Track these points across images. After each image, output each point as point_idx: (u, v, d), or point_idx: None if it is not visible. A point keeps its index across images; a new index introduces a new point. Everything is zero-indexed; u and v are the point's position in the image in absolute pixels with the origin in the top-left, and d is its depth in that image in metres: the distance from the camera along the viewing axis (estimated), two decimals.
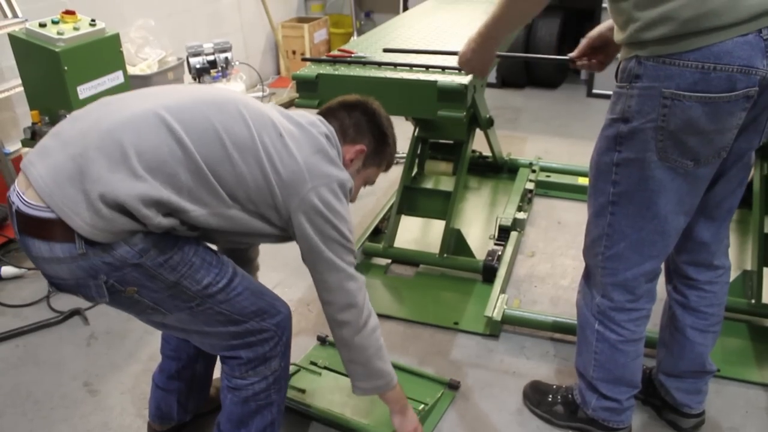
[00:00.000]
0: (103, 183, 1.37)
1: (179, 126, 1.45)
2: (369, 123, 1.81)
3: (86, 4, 3.73)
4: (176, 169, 1.43)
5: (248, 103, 1.60)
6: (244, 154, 1.50)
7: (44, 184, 1.39)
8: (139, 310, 1.58)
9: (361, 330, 1.70)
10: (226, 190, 1.49)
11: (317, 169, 1.59)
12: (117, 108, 1.49)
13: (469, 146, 2.96)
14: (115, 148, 1.40)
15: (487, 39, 1.73)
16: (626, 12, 1.47)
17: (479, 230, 3.26)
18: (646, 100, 1.48)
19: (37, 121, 2.87)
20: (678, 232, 1.71)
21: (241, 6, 5.36)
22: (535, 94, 5.49)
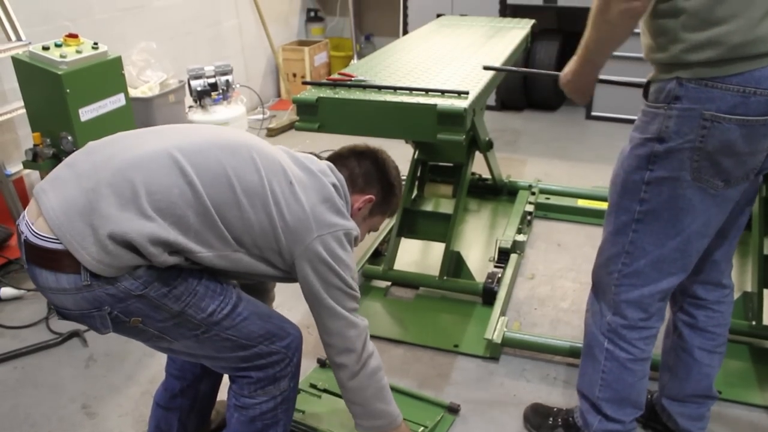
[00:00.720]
0: (112, 221, 1.39)
1: (191, 168, 1.47)
2: (378, 173, 1.85)
3: (89, 27, 3.78)
4: (185, 211, 1.45)
5: (261, 148, 1.62)
6: (252, 200, 1.53)
7: (55, 216, 1.41)
8: (145, 338, 1.59)
9: (357, 373, 1.72)
10: (233, 234, 1.52)
11: (324, 218, 1.62)
12: (132, 144, 1.52)
13: (468, 169, 2.97)
14: (126, 187, 1.42)
15: (585, 63, 1.70)
16: (671, 32, 1.48)
17: (479, 252, 3.26)
18: (685, 121, 1.50)
19: (38, 143, 2.88)
20: (698, 253, 1.71)
21: (242, 29, 5.40)
22: (535, 117, 5.52)
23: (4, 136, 3.39)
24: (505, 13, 5.27)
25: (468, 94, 2.29)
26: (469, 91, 2.32)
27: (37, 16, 3.50)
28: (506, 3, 5.28)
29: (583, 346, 1.95)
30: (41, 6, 3.53)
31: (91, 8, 3.87)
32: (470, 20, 4.05)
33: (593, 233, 3.49)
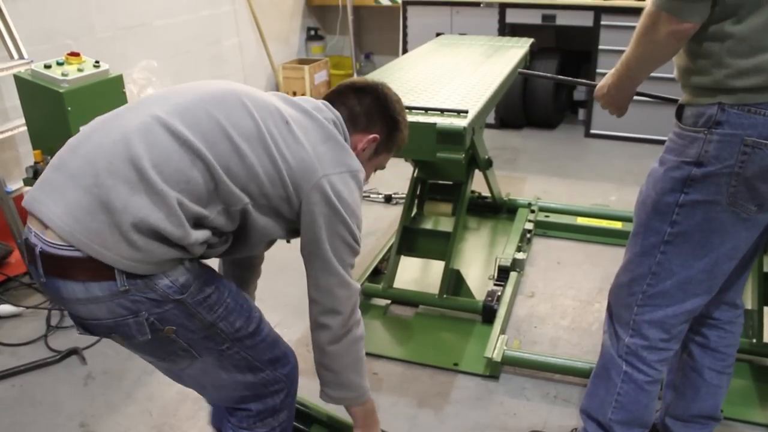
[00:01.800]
0: (131, 211, 1.31)
1: (185, 128, 1.40)
2: (381, 109, 1.74)
3: (91, 45, 3.80)
4: (190, 175, 1.38)
5: (249, 92, 1.55)
6: (252, 145, 1.45)
7: (64, 224, 1.32)
8: (169, 352, 1.52)
9: (340, 339, 1.63)
10: (239, 185, 1.44)
11: (328, 157, 1.54)
12: (115, 126, 1.42)
13: (468, 187, 2.98)
14: (128, 168, 1.34)
15: (624, 78, 1.70)
16: (715, 56, 1.47)
17: (479, 270, 3.26)
18: (726, 147, 1.49)
19: (39, 161, 2.89)
20: (725, 276, 1.70)
21: (242, 48, 5.43)
22: (534, 135, 5.54)
23: (4, 153, 3.40)
24: (504, 32, 5.31)
25: (467, 113, 2.30)
26: (469, 109, 2.33)
27: (39, 34, 3.52)
28: (505, 22, 5.32)
29: (596, 367, 1.92)
30: (44, 24, 3.56)
31: (93, 27, 3.90)
32: (469, 39, 4.08)
33: (593, 251, 3.49)
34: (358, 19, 6.38)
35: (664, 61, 1.57)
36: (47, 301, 3.03)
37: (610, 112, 1.85)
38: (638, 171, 4.47)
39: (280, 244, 1.70)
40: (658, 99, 2.18)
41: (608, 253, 3.45)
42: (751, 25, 1.42)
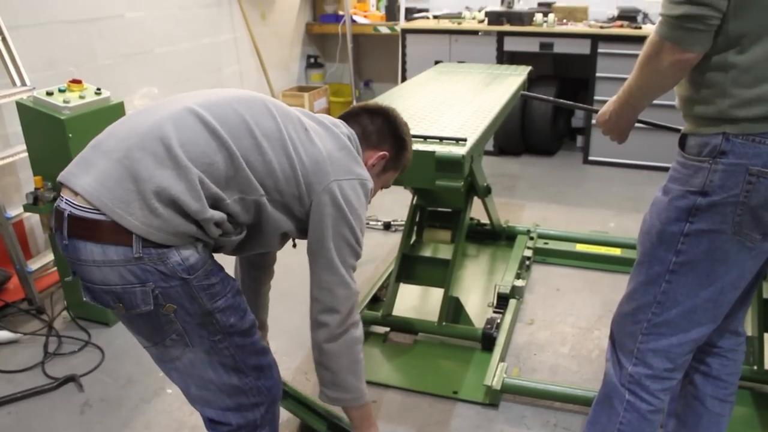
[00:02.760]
0: (155, 180, 1.43)
1: (213, 119, 1.53)
2: (391, 129, 1.90)
3: (93, 72, 3.83)
4: (214, 158, 1.50)
5: (274, 100, 1.70)
6: (272, 143, 1.58)
7: (93, 190, 1.43)
8: (164, 334, 1.57)
9: (337, 338, 1.71)
10: (257, 177, 1.56)
11: (341, 163, 1.68)
12: (151, 113, 1.56)
13: (467, 214, 2.99)
14: (158, 144, 1.46)
15: (626, 105, 1.71)
16: (719, 86, 1.48)
17: (478, 298, 3.25)
18: (731, 176, 1.49)
19: (39, 187, 2.89)
20: (730, 304, 1.70)
21: (243, 75, 5.48)
22: (532, 162, 5.57)
23: (5, 179, 3.41)
24: (502, 59, 5.36)
25: (466, 141, 2.31)
26: (467, 137, 2.34)
27: (42, 61, 3.55)
28: (503, 50, 5.37)
29: (598, 396, 1.90)
30: (47, 52, 3.59)
31: (96, 54, 3.93)
32: (468, 67, 4.11)
33: (592, 278, 3.49)
34: (357, 47, 6.45)
35: (667, 89, 1.58)
36: (45, 327, 3.02)
37: (611, 138, 1.86)
38: (636, 198, 4.49)
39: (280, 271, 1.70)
40: (660, 127, 2.20)
41: (607, 279, 3.45)
42: (755, 56, 1.43)
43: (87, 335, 2.98)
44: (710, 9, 1.38)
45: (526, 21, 5.31)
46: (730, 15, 1.41)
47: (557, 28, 5.25)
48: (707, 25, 1.40)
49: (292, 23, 6.19)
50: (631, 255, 3.32)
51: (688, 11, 1.38)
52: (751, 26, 1.42)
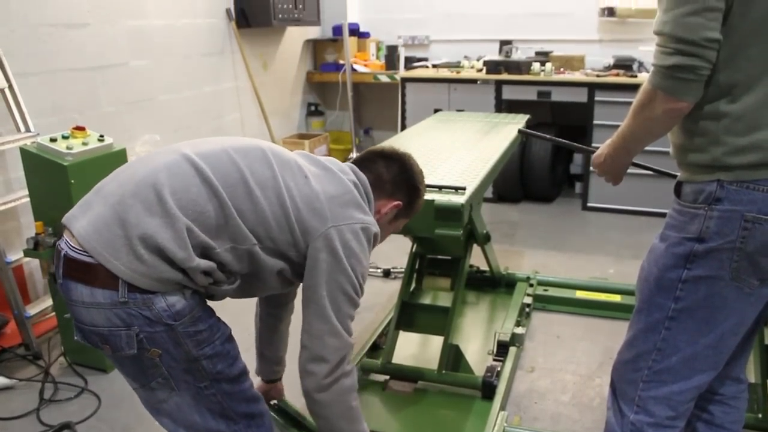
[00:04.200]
0: (142, 227, 1.46)
1: (206, 167, 1.55)
2: (406, 178, 1.88)
3: (97, 119, 3.88)
4: (205, 207, 1.52)
5: (274, 148, 1.70)
6: (265, 192, 1.58)
7: (85, 233, 1.48)
8: (150, 377, 1.58)
9: (326, 388, 1.66)
10: (249, 226, 1.56)
11: (341, 210, 1.64)
12: (151, 159, 1.60)
13: (466, 262, 2.99)
14: (150, 191, 1.50)
15: (620, 149, 1.74)
16: (712, 134, 1.51)
17: (478, 345, 3.23)
18: (727, 222, 1.51)
19: (40, 232, 2.90)
20: (730, 351, 1.70)
21: (244, 122, 5.54)
22: (531, 209, 5.59)
23: (6, 223, 3.42)
24: (501, 108, 5.43)
25: (465, 190, 2.33)
26: (466, 186, 2.37)
27: (47, 108, 3.60)
28: (501, 98, 5.45)
29: None
30: (52, 98, 3.64)
31: (100, 101, 3.99)
32: (467, 115, 4.17)
33: (592, 325, 3.47)
34: (357, 95, 6.54)
35: (660, 136, 1.62)
36: (41, 374, 2.99)
37: (606, 180, 1.89)
38: (636, 244, 4.49)
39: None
40: (656, 172, 2.23)
41: (608, 326, 3.44)
42: (746, 104, 1.47)
43: (84, 381, 2.95)
44: (701, 60, 1.42)
45: (523, 70, 5.39)
46: (720, 65, 1.46)
47: (555, 77, 5.33)
48: (698, 75, 1.44)
49: (293, 72, 6.29)
50: (631, 301, 3.31)
51: (679, 62, 1.43)
52: (740, 76, 1.46)
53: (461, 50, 6.20)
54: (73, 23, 3.75)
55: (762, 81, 1.46)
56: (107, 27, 4.00)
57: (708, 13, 1.40)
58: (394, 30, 6.47)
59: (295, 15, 5.52)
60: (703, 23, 1.40)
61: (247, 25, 5.28)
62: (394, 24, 6.47)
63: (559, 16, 5.88)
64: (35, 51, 3.53)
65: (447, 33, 6.32)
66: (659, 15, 1.47)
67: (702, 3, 1.39)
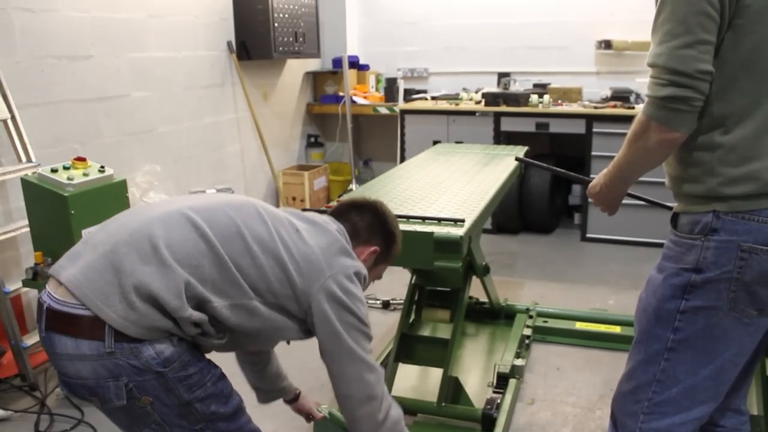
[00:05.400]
0: (136, 275, 1.45)
1: (203, 222, 1.56)
2: (380, 224, 1.92)
3: (98, 150, 3.91)
4: (201, 262, 1.51)
5: (264, 205, 1.72)
6: (263, 247, 1.60)
7: (76, 281, 1.46)
8: (143, 425, 1.56)
9: (381, 424, 1.69)
10: (248, 281, 1.57)
11: (334, 259, 1.68)
12: (143, 211, 1.61)
13: (465, 293, 2.98)
14: (145, 242, 1.49)
15: (615, 179, 1.75)
16: (707, 165, 1.53)
17: (477, 378, 3.21)
18: (724, 253, 1.52)
19: (40, 262, 2.90)
20: (730, 382, 1.70)
21: (244, 154, 5.57)
22: (530, 240, 5.60)
23: (5, 253, 3.42)
24: (499, 140, 5.47)
25: (464, 222, 2.34)
26: (465, 218, 2.37)
27: (48, 138, 3.63)
28: (500, 130, 5.49)
29: None
30: (53, 129, 3.67)
31: (101, 132, 4.02)
32: (466, 147, 4.19)
33: (592, 356, 3.46)
34: (357, 126, 6.58)
35: (654, 166, 1.63)
36: (37, 405, 2.97)
37: (602, 210, 1.91)
38: (635, 274, 4.49)
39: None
40: (651, 203, 2.24)
41: (608, 358, 3.42)
42: (739, 136, 1.49)
43: (80, 413, 2.93)
44: (694, 91, 1.44)
45: (522, 102, 5.44)
46: (713, 97, 1.49)
47: (553, 109, 5.38)
48: (692, 107, 1.46)
49: (293, 103, 6.34)
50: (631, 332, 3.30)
51: (673, 93, 1.45)
52: (733, 108, 1.50)
53: (460, 82, 6.26)
54: (77, 55, 3.80)
55: (754, 113, 1.49)
56: (110, 59, 4.05)
57: (700, 46, 1.43)
58: (394, 62, 6.54)
59: (295, 48, 5.59)
60: (695, 56, 1.43)
61: (248, 57, 5.34)
62: (393, 56, 6.55)
63: (557, 49, 5.96)
64: (38, 82, 3.57)
65: (446, 65, 6.40)
66: (653, 47, 1.50)
67: (694, 36, 1.43)
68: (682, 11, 1.44)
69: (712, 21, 1.43)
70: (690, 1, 1.43)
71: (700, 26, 1.42)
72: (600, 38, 5.72)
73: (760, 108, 1.49)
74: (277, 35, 5.30)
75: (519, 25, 6.04)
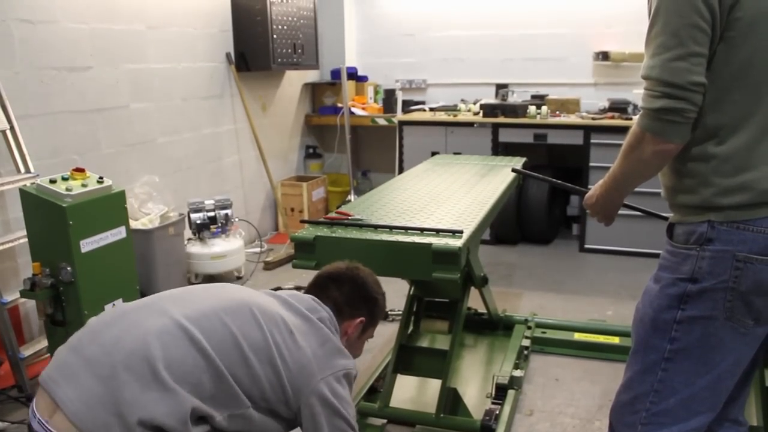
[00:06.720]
0: (139, 407, 1.42)
1: (201, 334, 1.55)
2: (361, 294, 1.94)
3: (96, 160, 3.92)
4: (201, 377, 1.51)
5: (259, 303, 1.72)
6: (259, 356, 1.61)
7: (75, 409, 1.41)
8: None
9: None
10: (244, 390, 1.58)
11: (325, 361, 1.71)
12: (136, 322, 1.57)
13: (464, 304, 2.98)
14: (144, 366, 1.46)
15: (611, 190, 1.77)
16: (701, 176, 1.55)
17: (476, 389, 3.21)
18: (719, 263, 1.53)
19: (38, 273, 2.89)
20: (728, 391, 1.70)
21: (242, 165, 5.58)
22: (529, 250, 5.60)
23: (3, 263, 3.42)
24: (498, 151, 5.48)
25: (462, 233, 2.34)
26: (463, 230, 2.38)
27: (47, 149, 3.63)
28: (498, 141, 5.50)
29: None
30: (52, 140, 3.68)
31: (100, 143, 4.02)
32: (464, 158, 4.20)
33: (591, 367, 3.45)
34: (355, 137, 6.59)
35: (649, 177, 1.65)
36: None
37: (598, 220, 1.92)
38: (633, 285, 4.49)
39: None
40: (647, 214, 2.25)
41: (607, 368, 3.42)
42: (733, 146, 1.51)
43: None
44: (687, 103, 1.46)
45: (520, 113, 5.46)
46: (706, 109, 1.51)
47: (550, 120, 5.40)
48: (685, 118, 1.48)
49: (291, 115, 6.36)
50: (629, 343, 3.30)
51: (666, 105, 1.47)
52: (726, 119, 1.51)
53: (458, 94, 6.28)
54: (76, 66, 3.81)
55: (747, 123, 1.51)
56: (109, 70, 4.06)
57: (693, 59, 1.45)
58: (392, 74, 6.57)
59: (294, 59, 5.61)
60: (688, 68, 1.45)
61: (246, 68, 5.36)
62: (391, 68, 6.58)
63: (555, 60, 5.98)
64: (37, 93, 3.58)
65: (444, 77, 6.42)
66: (646, 60, 1.52)
67: (687, 48, 1.45)
68: (674, 24, 1.46)
69: (703, 34, 1.45)
70: (682, 14, 1.45)
71: (692, 39, 1.45)
72: (597, 50, 5.75)
73: (753, 118, 1.50)
74: (276, 47, 5.32)
75: (517, 37, 6.07)
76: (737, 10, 1.45)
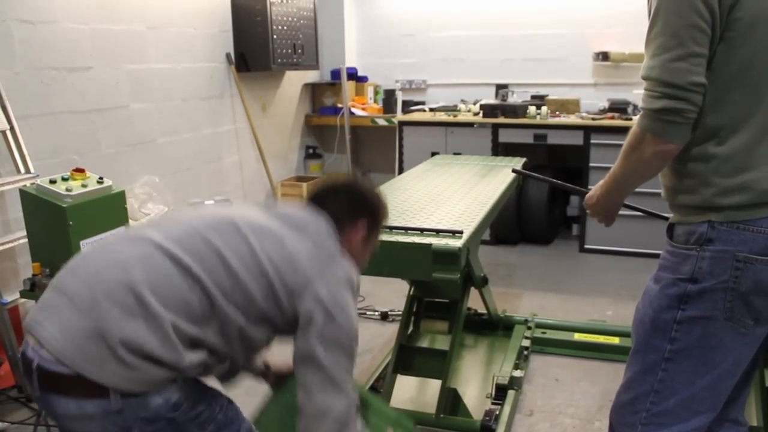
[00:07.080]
0: (126, 334, 1.37)
1: (184, 254, 1.48)
2: (358, 201, 1.82)
3: (96, 161, 3.91)
4: (189, 298, 1.45)
5: (246, 216, 1.62)
6: (248, 268, 1.52)
7: (60, 346, 1.37)
8: None
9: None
10: (236, 305, 1.50)
11: (322, 268, 1.60)
12: (114, 252, 1.51)
13: (464, 305, 2.98)
14: (127, 293, 1.41)
15: (612, 191, 1.77)
16: (701, 176, 1.55)
17: (476, 389, 3.21)
18: (719, 263, 1.54)
19: (38, 273, 2.89)
20: (728, 392, 1.70)
21: (242, 165, 5.58)
22: (529, 251, 5.60)
23: (3, 264, 3.41)
24: (498, 151, 5.48)
25: (462, 234, 2.34)
26: (463, 230, 2.38)
27: (47, 149, 3.63)
28: (498, 141, 5.50)
29: None
30: (52, 141, 3.68)
31: (100, 143, 4.02)
32: (464, 159, 4.21)
33: (591, 367, 3.45)
34: (355, 138, 6.59)
35: (650, 177, 1.65)
36: (34, 416, 2.95)
37: (599, 221, 1.92)
38: (633, 285, 4.49)
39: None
40: (647, 214, 2.25)
41: (607, 369, 3.42)
42: (733, 146, 1.51)
43: None
44: (687, 103, 1.47)
45: (520, 113, 5.46)
46: (706, 109, 1.51)
47: (550, 120, 5.39)
48: (685, 118, 1.48)
49: (291, 115, 6.35)
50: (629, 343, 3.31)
51: (666, 105, 1.47)
52: (726, 119, 1.52)
53: (458, 94, 6.28)
54: (76, 67, 3.81)
55: (747, 123, 1.51)
56: (109, 70, 4.06)
57: (693, 59, 1.46)
58: (392, 74, 6.57)
59: (294, 59, 5.61)
60: (688, 68, 1.46)
61: (246, 69, 5.36)
62: (391, 68, 6.58)
63: (555, 60, 5.98)
64: (37, 93, 3.57)
65: (444, 77, 6.42)
66: (646, 60, 1.52)
67: (687, 49, 1.45)
68: (674, 25, 1.46)
69: (703, 34, 1.46)
70: (682, 15, 1.45)
71: (692, 39, 1.45)
72: (597, 50, 5.75)
73: (753, 118, 1.51)
74: (276, 47, 5.32)
75: (517, 37, 6.07)
76: (737, 10, 1.45)
